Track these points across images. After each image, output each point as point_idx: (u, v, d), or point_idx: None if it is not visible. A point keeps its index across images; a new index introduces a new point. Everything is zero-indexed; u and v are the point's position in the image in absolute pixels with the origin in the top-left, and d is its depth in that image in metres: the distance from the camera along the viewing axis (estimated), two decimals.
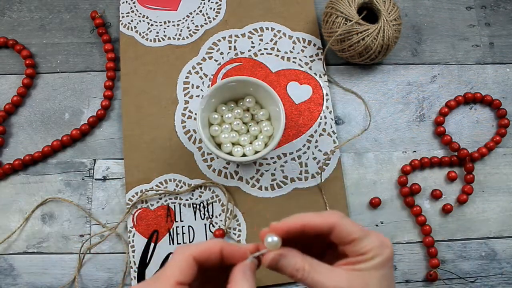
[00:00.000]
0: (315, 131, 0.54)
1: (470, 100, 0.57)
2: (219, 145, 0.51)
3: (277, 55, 0.57)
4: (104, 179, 0.53)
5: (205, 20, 0.59)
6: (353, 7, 0.52)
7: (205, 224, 0.51)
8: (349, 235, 0.29)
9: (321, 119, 0.55)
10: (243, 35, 0.58)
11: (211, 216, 0.52)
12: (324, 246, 0.33)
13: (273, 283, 0.50)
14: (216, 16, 0.59)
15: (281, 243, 0.29)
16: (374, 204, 0.52)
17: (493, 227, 0.53)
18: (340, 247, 0.30)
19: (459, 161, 0.54)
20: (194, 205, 0.52)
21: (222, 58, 0.57)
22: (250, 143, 0.51)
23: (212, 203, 0.52)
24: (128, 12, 0.59)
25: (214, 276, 0.30)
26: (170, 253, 0.50)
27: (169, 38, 0.58)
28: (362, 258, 0.29)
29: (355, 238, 0.29)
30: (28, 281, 0.50)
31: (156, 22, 0.58)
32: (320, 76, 0.57)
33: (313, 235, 0.30)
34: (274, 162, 0.54)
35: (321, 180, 0.53)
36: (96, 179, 0.53)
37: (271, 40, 0.58)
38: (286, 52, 0.57)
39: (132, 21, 0.58)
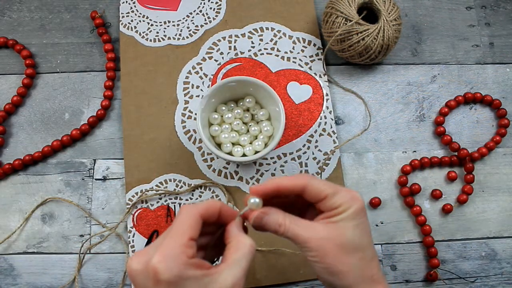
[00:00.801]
0: (315, 131, 0.54)
1: (470, 100, 0.57)
2: (219, 145, 0.51)
3: (277, 55, 0.57)
4: (104, 179, 0.53)
5: (205, 20, 0.59)
6: (353, 7, 0.52)
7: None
8: (320, 193, 0.33)
9: (321, 119, 0.55)
10: (243, 35, 0.58)
11: None
12: (304, 206, 0.37)
13: (273, 283, 0.50)
14: (216, 16, 0.59)
15: (262, 204, 0.33)
16: (374, 204, 0.52)
17: (493, 227, 0.53)
18: (316, 205, 0.34)
19: (459, 161, 0.54)
20: None
21: (222, 58, 0.57)
22: (250, 143, 0.51)
23: None
24: (128, 12, 0.59)
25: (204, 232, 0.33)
26: None
27: (169, 38, 0.58)
28: (336, 212, 0.33)
29: (326, 195, 0.33)
30: (28, 281, 0.50)
31: (156, 22, 0.58)
32: (320, 76, 0.57)
33: (292, 196, 0.34)
34: (274, 162, 0.54)
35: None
36: (96, 179, 0.53)
37: (271, 40, 0.58)
38: (286, 52, 0.57)
39: (132, 21, 0.58)
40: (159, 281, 0.28)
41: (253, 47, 0.58)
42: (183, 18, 0.59)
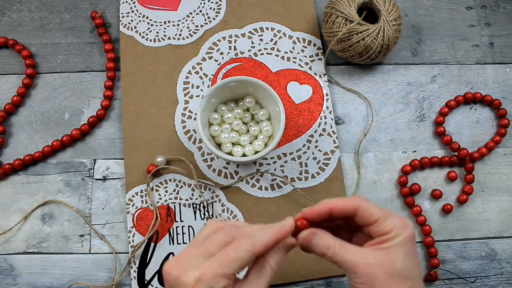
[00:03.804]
0: (315, 131, 0.54)
1: (470, 100, 0.57)
2: (219, 145, 0.51)
3: (277, 55, 0.57)
4: (104, 179, 0.53)
5: (205, 20, 0.59)
6: (353, 7, 0.52)
7: (205, 224, 0.51)
8: (372, 216, 0.32)
9: (321, 119, 0.55)
10: (243, 35, 0.58)
11: (211, 216, 0.52)
12: (350, 232, 0.36)
13: (273, 283, 0.50)
14: (216, 16, 0.59)
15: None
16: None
17: (493, 227, 0.53)
18: (365, 229, 0.33)
19: (459, 161, 0.54)
20: (194, 205, 0.52)
21: (222, 58, 0.57)
22: (250, 143, 0.51)
23: (212, 203, 0.52)
24: (128, 12, 0.59)
25: None
26: (170, 253, 0.50)
27: (169, 38, 0.58)
28: (386, 237, 0.31)
29: (378, 218, 0.32)
30: (28, 281, 0.50)
31: (156, 22, 0.58)
32: (320, 76, 0.57)
33: (340, 219, 0.33)
34: (274, 162, 0.54)
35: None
36: (96, 179, 0.53)
37: (271, 40, 0.58)
38: (286, 52, 0.57)
39: (132, 21, 0.58)
40: None
41: (253, 47, 0.58)
42: (183, 18, 0.59)
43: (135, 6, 0.59)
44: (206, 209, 0.52)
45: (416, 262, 0.32)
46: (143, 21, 0.58)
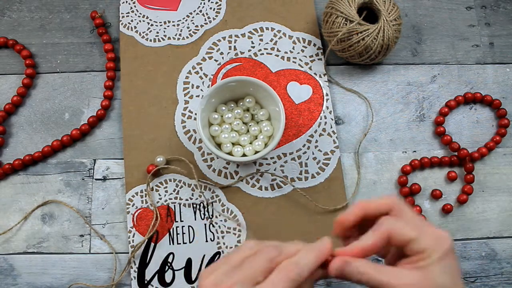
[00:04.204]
0: (315, 131, 0.54)
1: (470, 100, 0.57)
2: (219, 145, 0.51)
3: (277, 55, 0.57)
4: (104, 179, 0.53)
5: (205, 20, 0.59)
6: (353, 7, 0.52)
7: (205, 224, 0.51)
8: (404, 237, 0.31)
9: (321, 119, 0.55)
10: (243, 35, 0.58)
11: (211, 216, 0.52)
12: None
13: None
14: (216, 16, 0.59)
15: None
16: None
17: (493, 227, 0.53)
18: (400, 249, 0.32)
19: (459, 161, 0.54)
20: (194, 205, 0.52)
21: (222, 58, 0.57)
22: (250, 143, 0.51)
23: (212, 203, 0.52)
24: (128, 12, 0.59)
25: None
26: (170, 253, 0.50)
27: (169, 38, 0.58)
28: (422, 256, 0.30)
29: (411, 239, 0.31)
30: (28, 281, 0.50)
31: (156, 22, 0.58)
32: (320, 76, 0.57)
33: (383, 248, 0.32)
34: (274, 162, 0.54)
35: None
36: (96, 179, 0.53)
37: (271, 40, 0.58)
38: (286, 52, 0.57)
39: (132, 21, 0.58)
40: None
41: (253, 47, 0.58)
42: (183, 18, 0.59)
43: (135, 6, 0.59)
44: (206, 209, 0.52)
45: (457, 276, 0.31)
46: (143, 21, 0.58)
